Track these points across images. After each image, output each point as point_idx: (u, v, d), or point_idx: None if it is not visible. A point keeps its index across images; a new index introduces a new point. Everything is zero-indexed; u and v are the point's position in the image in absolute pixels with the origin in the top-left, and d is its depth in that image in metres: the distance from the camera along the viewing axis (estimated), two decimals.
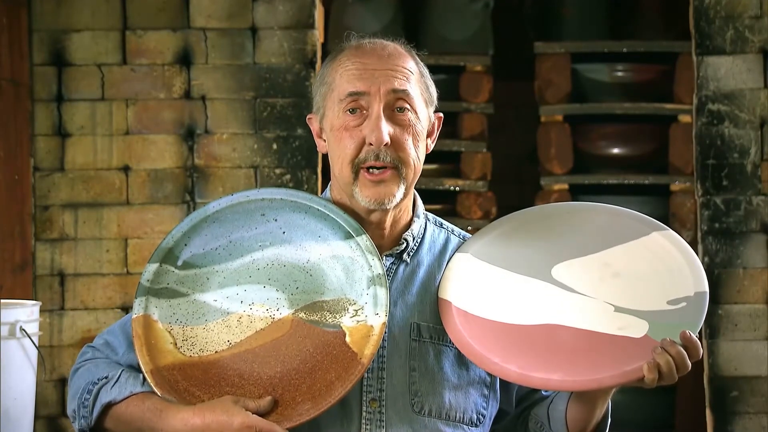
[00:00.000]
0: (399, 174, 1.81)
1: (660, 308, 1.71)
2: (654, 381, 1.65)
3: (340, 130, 1.82)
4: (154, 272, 1.85)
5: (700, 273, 1.76)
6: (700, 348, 1.67)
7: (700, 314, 1.70)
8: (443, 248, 1.92)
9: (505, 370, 1.73)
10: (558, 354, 1.71)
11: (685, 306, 1.71)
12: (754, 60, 3.62)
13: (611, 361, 1.67)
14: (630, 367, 1.65)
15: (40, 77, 3.68)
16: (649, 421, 4.37)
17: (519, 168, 5.37)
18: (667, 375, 1.65)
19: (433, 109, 1.89)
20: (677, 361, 1.65)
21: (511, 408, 1.92)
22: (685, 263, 1.78)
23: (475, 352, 1.76)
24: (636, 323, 1.70)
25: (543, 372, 1.69)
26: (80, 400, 1.82)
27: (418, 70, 1.87)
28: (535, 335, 1.75)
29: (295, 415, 1.72)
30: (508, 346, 1.75)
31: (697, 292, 1.73)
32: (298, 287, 1.81)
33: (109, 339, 1.90)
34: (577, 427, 1.83)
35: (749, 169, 3.62)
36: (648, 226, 1.85)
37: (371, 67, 1.81)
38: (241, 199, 1.89)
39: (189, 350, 1.80)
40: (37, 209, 3.67)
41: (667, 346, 1.65)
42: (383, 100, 1.80)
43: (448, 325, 1.81)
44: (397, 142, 1.80)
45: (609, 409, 1.84)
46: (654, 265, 1.79)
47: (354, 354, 1.74)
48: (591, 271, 1.80)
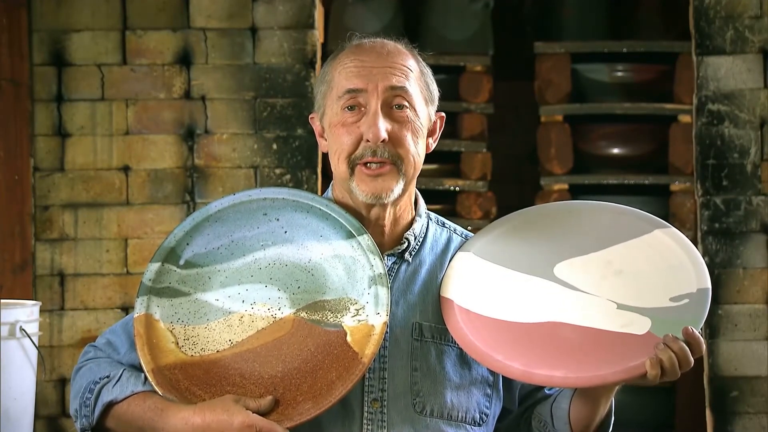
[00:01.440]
0: (398, 169, 1.81)
1: (663, 305, 1.71)
2: (656, 377, 1.65)
3: (338, 126, 1.82)
4: (156, 271, 1.85)
5: (703, 269, 1.76)
6: (702, 344, 1.67)
7: (702, 310, 1.70)
8: (445, 247, 1.92)
9: (508, 368, 1.73)
10: (561, 351, 1.71)
11: (688, 302, 1.71)
12: (754, 60, 3.62)
13: (614, 358, 1.67)
14: (633, 363, 1.65)
15: (40, 77, 3.68)
16: (649, 421, 4.37)
17: (519, 168, 5.37)
18: (670, 371, 1.65)
19: (434, 108, 1.89)
20: (680, 357, 1.65)
21: (514, 406, 1.92)
22: (687, 260, 1.78)
23: (477, 350, 1.76)
24: (639, 320, 1.70)
25: (546, 369, 1.69)
26: (82, 400, 1.83)
27: (419, 68, 1.87)
28: (538, 333, 1.75)
29: (295, 415, 1.72)
30: (511, 344, 1.75)
31: (700, 289, 1.73)
32: (300, 287, 1.81)
33: (111, 338, 1.90)
34: (580, 425, 1.82)
35: (749, 169, 3.62)
36: (650, 224, 1.84)
37: (369, 65, 1.82)
38: (243, 198, 1.89)
39: (190, 349, 1.80)
40: (37, 209, 3.67)
41: (670, 342, 1.65)
42: (381, 97, 1.80)
43: (450, 323, 1.81)
44: (395, 137, 1.80)
45: (612, 407, 1.84)
46: (656, 263, 1.79)
47: (355, 353, 1.74)
48: (593, 269, 1.81)
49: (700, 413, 3.72)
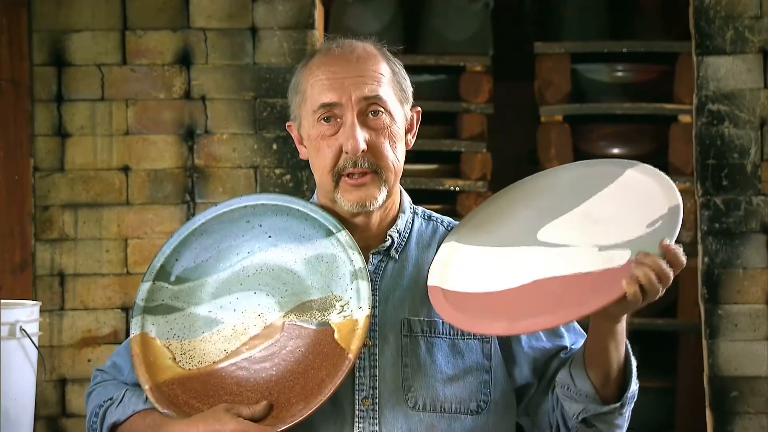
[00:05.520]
0: (379, 177, 1.83)
1: (640, 234, 1.72)
2: (637, 295, 1.63)
3: (317, 139, 1.84)
4: (147, 290, 1.88)
5: (671, 189, 1.77)
6: (680, 255, 1.66)
7: (674, 226, 1.70)
8: (431, 240, 1.94)
9: (493, 328, 1.74)
10: (546, 302, 1.71)
11: (661, 223, 1.72)
12: (754, 60, 3.62)
13: (598, 293, 1.67)
14: (613, 288, 1.66)
15: (40, 77, 3.68)
16: (649, 421, 4.37)
17: (519, 168, 5.36)
18: (649, 287, 1.64)
19: (409, 106, 1.90)
20: (656, 270, 1.64)
21: (532, 380, 1.90)
22: (656, 185, 1.79)
23: (463, 319, 1.76)
24: (619, 254, 1.70)
25: (531, 318, 1.69)
26: (89, 424, 1.89)
27: (390, 69, 1.87)
28: (524, 293, 1.75)
29: (288, 417, 1.74)
30: (497, 309, 1.75)
31: (671, 207, 1.74)
32: (287, 289, 1.84)
33: (116, 360, 1.95)
34: (600, 377, 1.79)
35: (749, 169, 3.62)
36: (621, 166, 1.86)
37: (341, 76, 1.82)
38: (225, 209, 1.92)
39: (188, 363, 1.83)
40: (37, 209, 3.67)
41: (642, 257, 1.65)
42: (356, 108, 1.81)
43: (437, 305, 1.81)
44: (373, 147, 1.82)
45: (630, 356, 1.81)
46: (629, 199, 1.80)
47: (342, 350, 1.76)
48: (573, 225, 1.81)
49: (700, 413, 3.72)
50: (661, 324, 4.45)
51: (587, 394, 1.80)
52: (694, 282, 3.75)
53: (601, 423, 1.83)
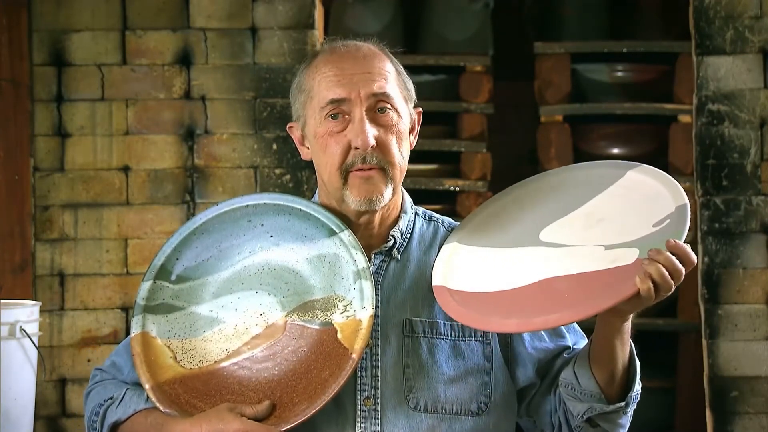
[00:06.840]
0: (386, 174, 1.82)
1: (647, 233, 1.73)
2: (650, 291, 1.63)
3: (325, 136, 1.83)
4: (148, 290, 1.88)
5: (677, 189, 1.77)
6: (689, 253, 1.66)
7: (683, 224, 1.71)
8: (433, 241, 1.94)
9: (505, 325, 1.73)
10: (555, 301, 1.71)
11: (669, 222, 1.72)
12: (754, 60, 3.62)
13: (608, 290, 1.67)
14: (624, 286, 1.66)
15: (40, 77, 3.68)
16: (649, 421, 4.37)
17: (519, 168, 5.37)
18: (662, 283, 1.64)
19: (412, 104, 1.91)
20: (668, 267, 1.64)
21: (535, 380, 1.90)
22: (661, 186, 1.79)
23: (473, 317, 1.76)
24: (627, 253, 1.71)
25: (543, 315, 1.69)
26: (89, 423, 1.88)
27: (395, 69, 1.88)
28: (532, 292, 1.75)
29: (291, 417, 1.73)
30: (506, 307, 1.75)
31: (678, 206, 1.74)
32: (290, 289, 1.83)
33: (115, 359, 1.95)
34: (604, 375, 1.80)
35: (749, 169, 3.62)
36: (622, 167, 1.87)
37: (349, 72, 1.82)
38: (226, 208, 1.91)
39: (189, 362, 1.82)
40: (37, 209, 3.67)
41: (654, 254, 1.65)
42: (365, 104, 1.81)
43: (444, 304, 1.81)
44: (381, 143, 1.81)
45: (634, 355, 1.81)
46: (633, 200, 1.80)
47: (345, 349, 1.76)
48: (577, 224, 1.82)
49: (700, 413, 3.72)
50: (661, 324, 4.45)
51: (592, 393, 1.80)
52: (694, 282, 3.75)
53: (605, 422, 1.83)
